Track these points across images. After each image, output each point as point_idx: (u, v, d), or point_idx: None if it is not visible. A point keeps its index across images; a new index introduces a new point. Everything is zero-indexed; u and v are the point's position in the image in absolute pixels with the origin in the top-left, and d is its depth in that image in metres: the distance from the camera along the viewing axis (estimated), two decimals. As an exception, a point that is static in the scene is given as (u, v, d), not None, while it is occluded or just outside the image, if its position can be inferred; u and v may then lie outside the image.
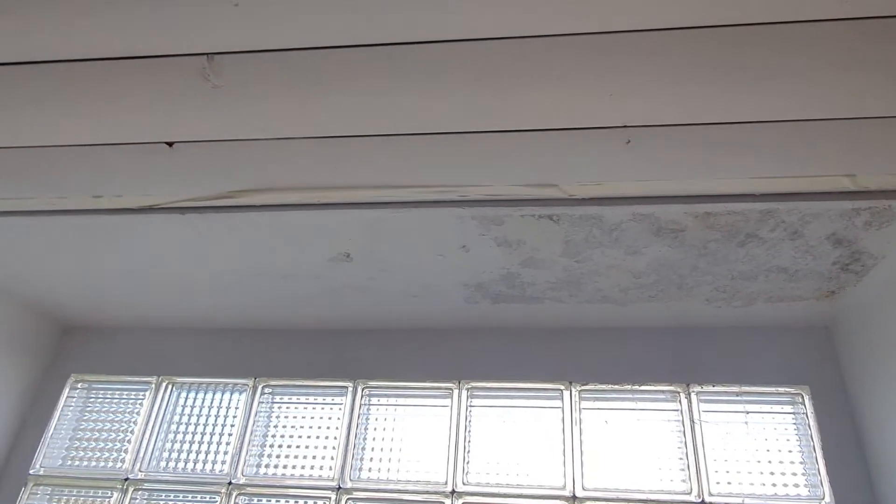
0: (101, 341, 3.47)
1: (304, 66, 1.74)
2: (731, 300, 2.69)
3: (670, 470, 2.71)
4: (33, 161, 2.16)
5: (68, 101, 1.85)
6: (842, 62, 1.65)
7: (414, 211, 2.21)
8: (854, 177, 1.88)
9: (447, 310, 2.99)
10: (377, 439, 3.00)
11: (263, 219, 2.34)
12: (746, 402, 2.80)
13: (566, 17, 1.55)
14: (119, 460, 3.12)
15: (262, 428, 3.11)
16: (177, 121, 1.92)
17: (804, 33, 1.63)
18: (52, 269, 2.87)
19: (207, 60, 1.70)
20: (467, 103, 1.81)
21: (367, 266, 2.64)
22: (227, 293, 2.99)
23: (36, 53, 1.70)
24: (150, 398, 3.24)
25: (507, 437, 2.90)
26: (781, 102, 1.75)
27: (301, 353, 3.25)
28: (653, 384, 2.88)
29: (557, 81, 1.72)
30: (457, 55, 1.70)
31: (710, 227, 2.19)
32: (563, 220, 2.21)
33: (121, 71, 1.74)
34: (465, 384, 3.02)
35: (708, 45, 1.63)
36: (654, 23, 1.57)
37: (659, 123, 1.84)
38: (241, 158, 2.07)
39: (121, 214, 2.36)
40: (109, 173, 2.16)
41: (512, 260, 2.50)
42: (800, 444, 2.69)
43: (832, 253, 2.29)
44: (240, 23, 1.58)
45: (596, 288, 2.68)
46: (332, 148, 2.02)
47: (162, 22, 1.58)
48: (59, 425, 3.25)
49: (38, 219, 2.42)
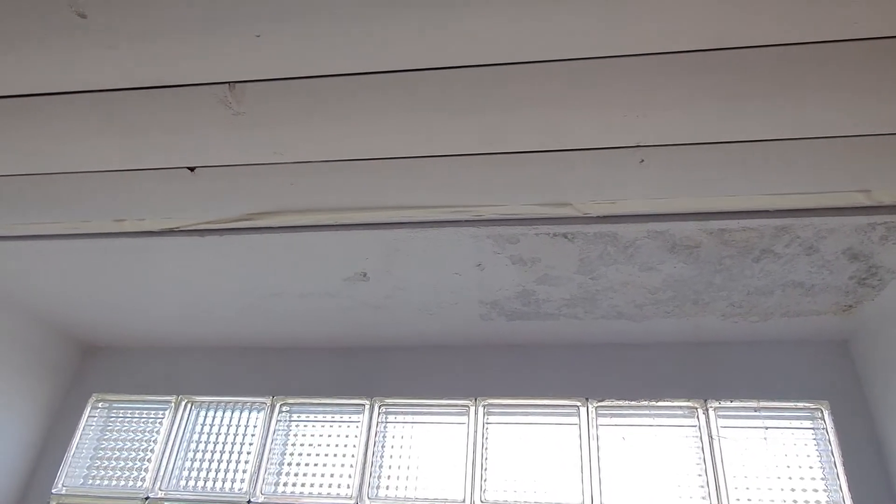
0: (122, 361, 3.52)
1: (322, 93, 1.78)
2: (747, 315, 2.69)
3: (689, 487, 2.69)
4: (59, 187, 2.22)
5: (94, 128, 1.90)
6: (855, 79, 1.66)
7: (430, 231, 2.24)
8: (869, 192, 1.89)
9: (463, 327, 3.00)
10: (394, 457, 3.01)
11: (281, 240, 2.38)
12: (765, 417, 2.78)
13: (579, 41, 1.58)
14: (139, 479, 3.15)
15: (280, 446, 3.13)
16: (198, 147, 1.97)
17: (817, 53, 1.64)
18: (74, 290, 2.93)
19: (229, 88, 1.74)
20: (481, 125, 1.84)
21: (383, 285, 2.67)
22: (245, 313, 3.03)
23: (64, 84, 1.76)
24: (169, 417, 3.28)
25: (524, 454, 2.90)
26: (795, 119, 1.77)
27: (318, 371, 3.27)
28: (670, 400, 2.87)
29: (571, 102, 1.75)
30: (471, 79, 1.73)
31: (724, 244, 2.20)
32: (577, 238, 2.23)
33: (145, 100, 1.79)
34: (481, 401, 3.03)
35: (721, 65, 1.65)
36: (667, 45, 1.59)
37: (672, 143, 1.86)
38: (260, 182, 2.12)
39: (143, 237, 2.41)
40: (133, 198, 2.21)
41: (527, 277, 2.52)
42: (820, 460, 2.66)
43: (848, 267, 2.29)
44: (261, 53, 1.62)
45: (611, 304, 2.68)
46: (349, 171, 2.06)
47: (186, 52, 1.63)
48: (81, 444, 3.29)
49: (62, 242, 2.48)
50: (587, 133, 1.84)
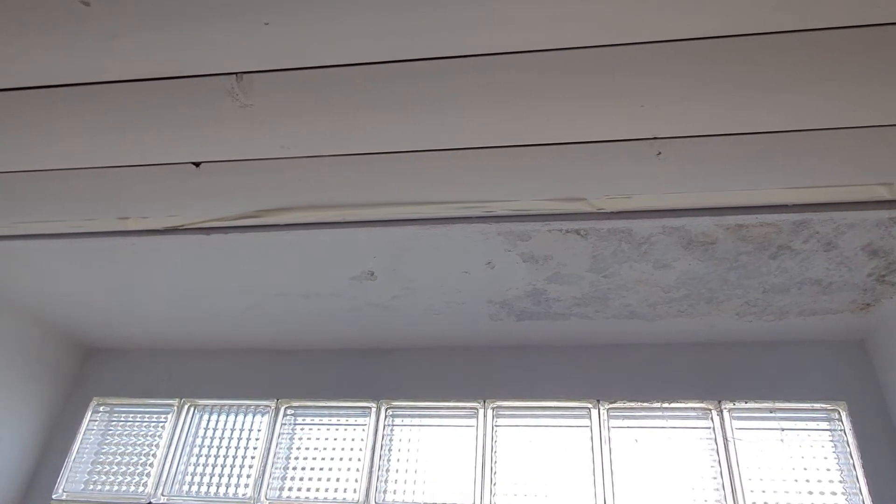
0: (124, 364, 3.47)
1: (331, 85, 1.74)
2: (762, 314, 2.64)
3: (704, 490, 2.63)
4: (61, 184, 2.17)
5: (96, 123, 1.86)
6: (874, 68, 1.61)
7: (439, 228, 2.19)
8: (890, 185, 1.84)
9: (472, 327, 2.95)
10: (402, 460, 2.95)
11: (287, 238, 2.33)
12: (781, 418, 2.72)
13: (593, 29, 1.54)
14: (141, 484, 3.09)
15: (285, 450, 3.07)
16: (204, 141, 1.92)
17: (836, 39, 1.59)
18: (75, 291, 2.88)
19: (237, 80, 1.70)
20: (493, 117, 1.79)
21: (390, 284, 2.62)
22: (249, 313, 2.98)
23: (64, 76, 1.72)
24: (172, 421, 3.22)
25: (535, 457, 2.84)
26: (814, 111, 1.72)
27: (324, 373, 3.22)
28: (683, 401, 2.81)
29: (585, 93, 1.70)
30: (482, 69, 1.68)
31: (741, 240, 2.15)
32: (590, 235, 2.18)
33: (149, 91, 1.75)
34: (490, 403, 2.98)
35: (739, 54, 1.60)
36: (683, 32, 1.55)
37: (689, 134, 1.81)
38: (266, 177, 2.07)
39: (146, 236, 2.36)
40: (136, 195, 2.16)
41: (538, 276, 2.47)
42: (838, 462, 2.60)
43: (868, 264, 2.24)
44: (269, 42, 1.58)
45: (623, 303, 2.63)
46: (357, 165, 2.01)
47: (191, 42, 1.58)
48: (82, 449, 3.23)
49: (64, 241, 2.43)
50: (602, 124, 1.79)
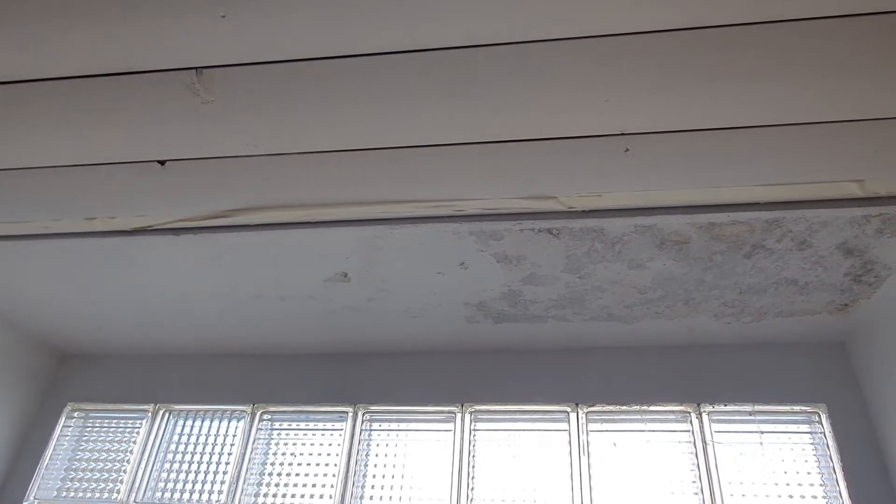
0: (98, 369, 3.41)
1: (295, 79, 1.71)
2: (740, 315, 2.61)
3: (683, 494, 2.59)
4: (25, 183, 2.14)
5: (57, 119, 1.83)
6: (847, 61, 1.60)
7: (409, 227, 2.16)
8: (862, 182, 1.82)
9: (448, 331, 2.92)
10: (379, 466, 2.91)
11: (259, 238, 2.30)
12: (761, 421, 2.69)
13: (558, 21, 1.52)
14: (115, 490, 3.03)
15: (261, 455, 3.02)
16: (167, 138, 1.89)
17: (808, 31, 1.57)
18: (47, 295, 2.84)
19: (196, 75, 1.67)
20: (459, 113, 1.77)
21: (365, 286, 2.58)
22: (223, 317, 2.94)
23: (22, 72, 1.69)
24: (146, 426, 3.17)
25: (513, 461, 2.80)
26: (785, 105, 1.70)
27: (300, 377, 3.17)
28: (662, 404, 2.78)
29: (551, 88, 1.68)
30: (447, 63, 1.66)
31: (714, 239, 2.13)
32: (563, 234, 2.15)
33: (109, 87, 1.72)
34: (468, 408, 2.94)
35: (707, 46, 1.59)
36: (650, 24, 1.53)
37: (658, 130, 1.79)
38: (234, 176, 2.04)
39: (114, 237, 2.33)
40: (102, 194, 2.13)
41: (513, 277, 2.44)
42: (818, 465, 2.57)
43: (843, 263, 2.22)
44: (227, 35, 1.56)
45: (601, 305, 2.60)
46: (325, 163, 1.98)
47: (148, 35, 1.56)
48: (55, 455, 3.18)
49: (33, 243, 2.38)
50: (568, 119, 1.77)
